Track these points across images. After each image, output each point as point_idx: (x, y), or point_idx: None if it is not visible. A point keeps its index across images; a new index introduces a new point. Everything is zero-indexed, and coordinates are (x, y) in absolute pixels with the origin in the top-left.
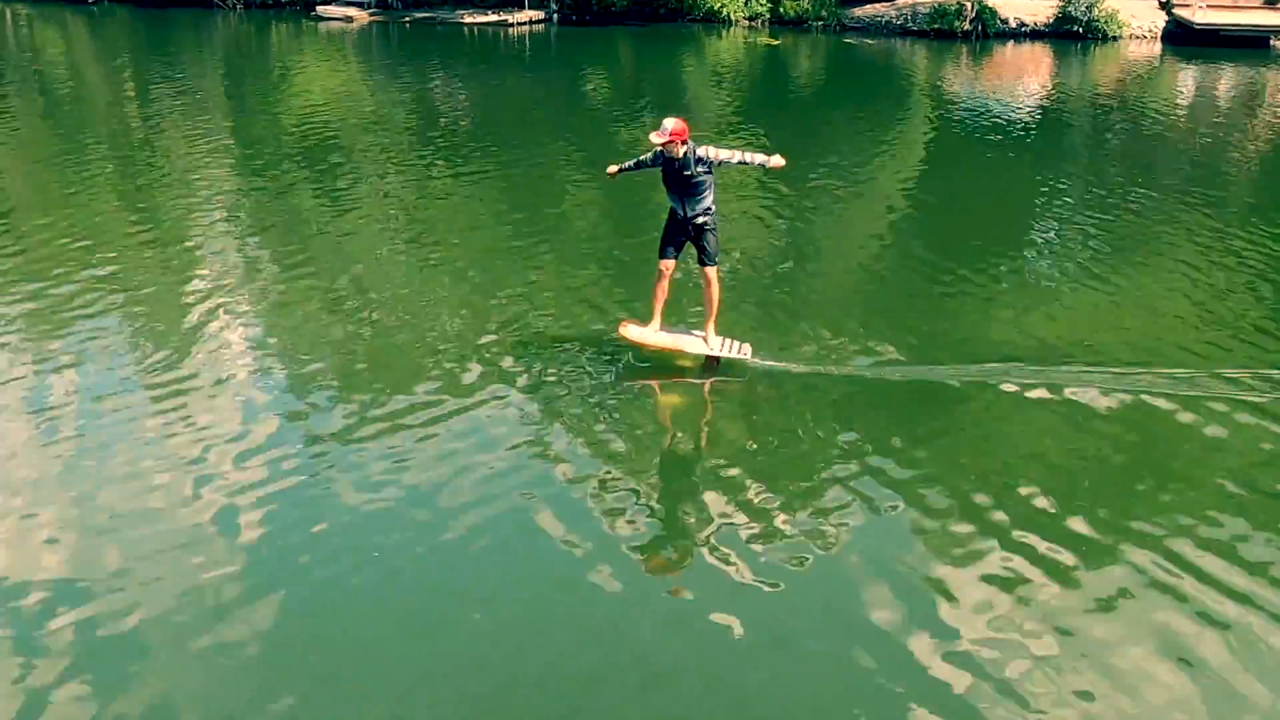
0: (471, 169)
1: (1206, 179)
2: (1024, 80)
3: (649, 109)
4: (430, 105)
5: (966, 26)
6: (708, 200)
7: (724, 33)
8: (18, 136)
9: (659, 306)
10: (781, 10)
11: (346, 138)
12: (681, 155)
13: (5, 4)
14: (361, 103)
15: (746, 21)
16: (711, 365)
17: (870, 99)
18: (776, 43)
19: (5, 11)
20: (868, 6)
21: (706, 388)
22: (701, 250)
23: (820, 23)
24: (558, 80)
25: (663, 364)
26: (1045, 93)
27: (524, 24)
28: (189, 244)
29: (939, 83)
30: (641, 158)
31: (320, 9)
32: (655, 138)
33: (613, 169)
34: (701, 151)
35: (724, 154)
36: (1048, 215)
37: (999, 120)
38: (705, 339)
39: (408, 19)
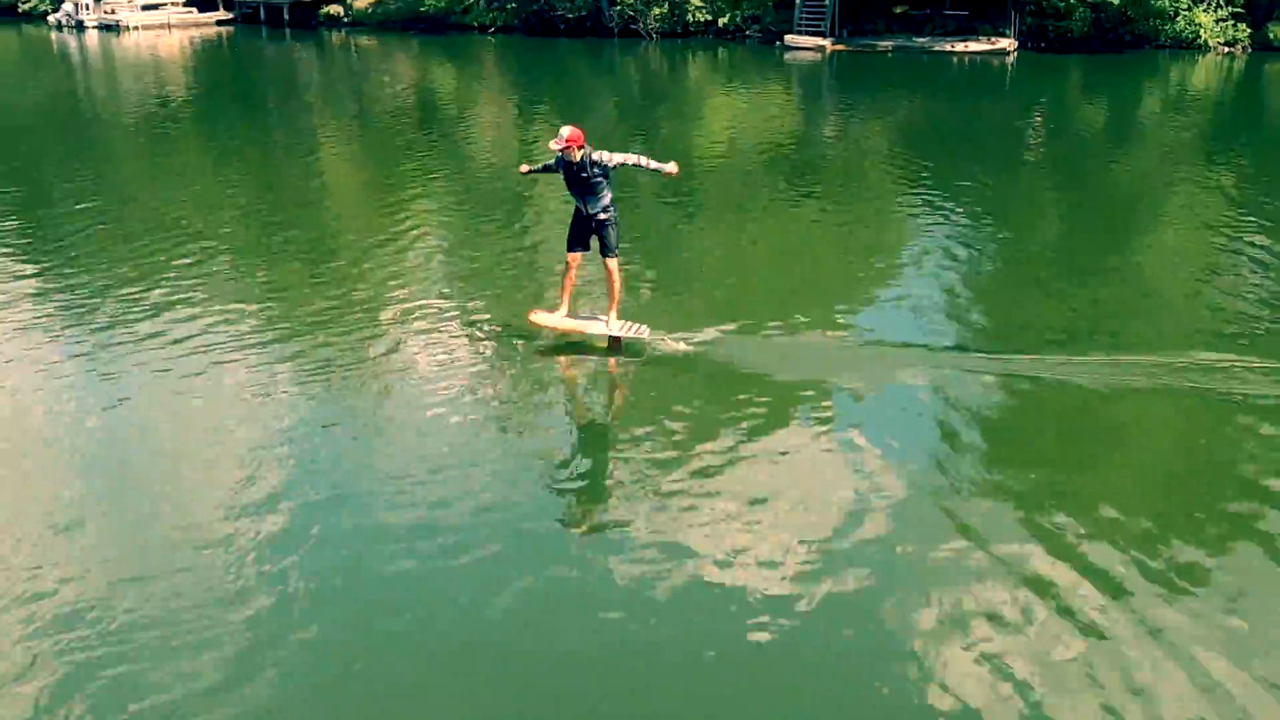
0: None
1: None
2: None
3: (1111, 139)
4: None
5: None
6: (605, 199)
7: (1195, 59)
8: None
9: (566, 296)
10: (1271, 36)
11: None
12: (579, 159)
13: (348, 33)
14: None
15: (1224, 48)
16: (614, 347)
17: None
18: None
19: (350, 41)
20: None
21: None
22: (603, 243)
23: None
24: (1013, 109)
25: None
26: None
27: (1010, 53)
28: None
29: None
30: (548, 163)
31: (789, 39)
32: (554, 145)
33: (524, 168)
34: (596, 156)
35: (617, 157)
36: None
37: None
38: (606, 322)
39: (887, 46)
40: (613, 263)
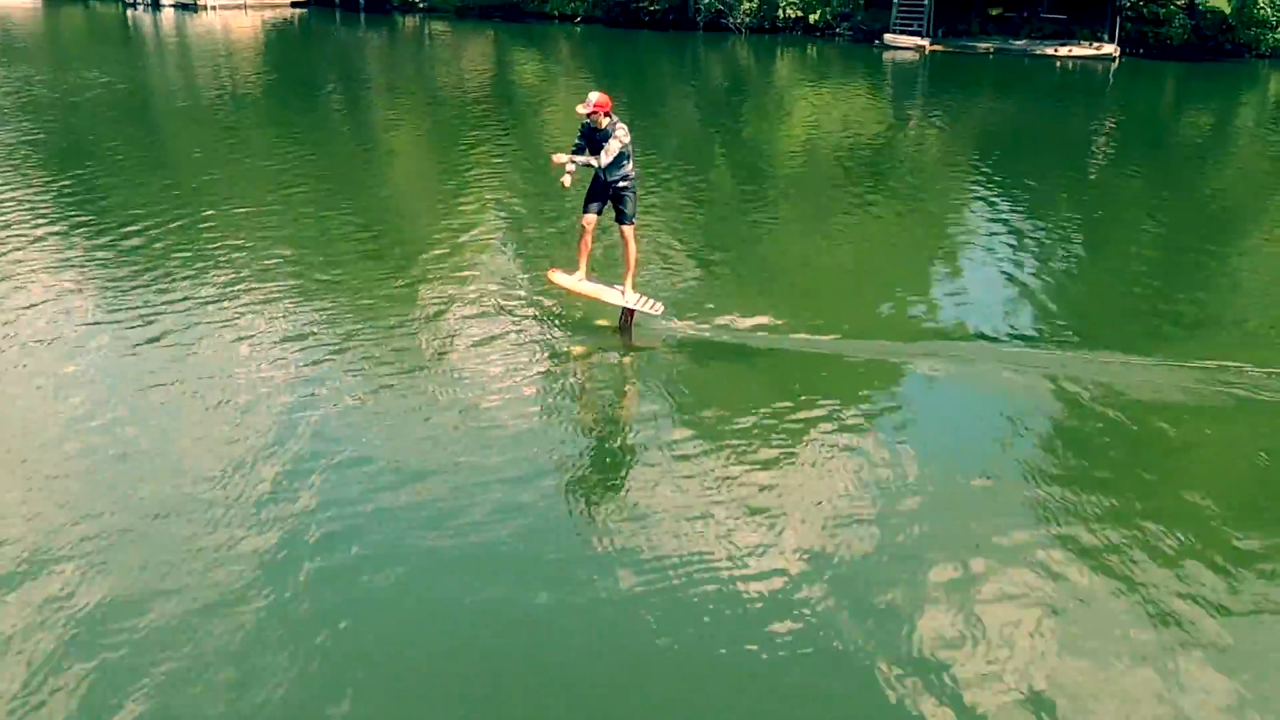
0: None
1: None
2: None
3: (1208, 148)
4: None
5: None
6: (626, 168)
7: None
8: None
9: (584, 259)
10: None
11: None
12: (604, 127)
13: (424, 18)
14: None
15: None
16: (625, 321)
17: None
18: None
19: (424, 27)
20: None
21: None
22: (619, 210)
23: None
24: (1113, 115)
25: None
26: None
27: (1115, 59)
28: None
29: None
30: (574, 146)
31: (889, 38)
32: (581, 109)
33: (566, 180)
34: (620, 129)
35: (615, 147)
36: None
37: None
38: (622, 292)
39: (988, 48)
40: (629, 230)
